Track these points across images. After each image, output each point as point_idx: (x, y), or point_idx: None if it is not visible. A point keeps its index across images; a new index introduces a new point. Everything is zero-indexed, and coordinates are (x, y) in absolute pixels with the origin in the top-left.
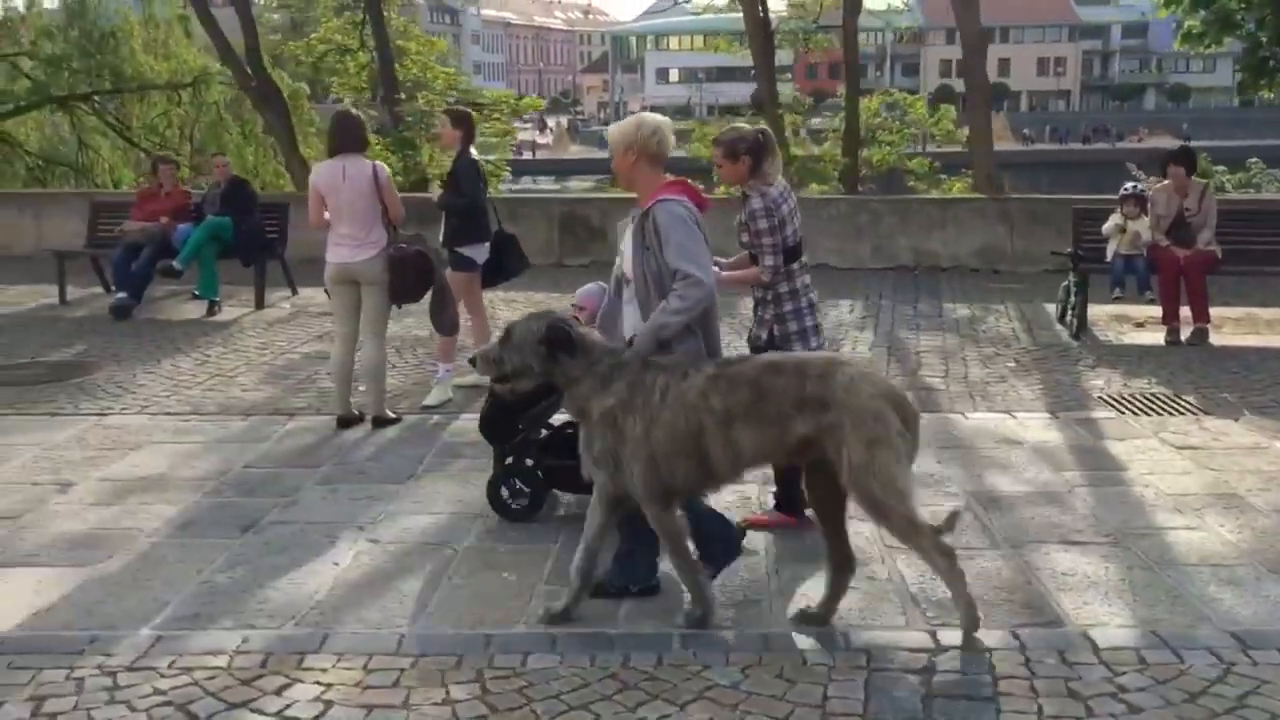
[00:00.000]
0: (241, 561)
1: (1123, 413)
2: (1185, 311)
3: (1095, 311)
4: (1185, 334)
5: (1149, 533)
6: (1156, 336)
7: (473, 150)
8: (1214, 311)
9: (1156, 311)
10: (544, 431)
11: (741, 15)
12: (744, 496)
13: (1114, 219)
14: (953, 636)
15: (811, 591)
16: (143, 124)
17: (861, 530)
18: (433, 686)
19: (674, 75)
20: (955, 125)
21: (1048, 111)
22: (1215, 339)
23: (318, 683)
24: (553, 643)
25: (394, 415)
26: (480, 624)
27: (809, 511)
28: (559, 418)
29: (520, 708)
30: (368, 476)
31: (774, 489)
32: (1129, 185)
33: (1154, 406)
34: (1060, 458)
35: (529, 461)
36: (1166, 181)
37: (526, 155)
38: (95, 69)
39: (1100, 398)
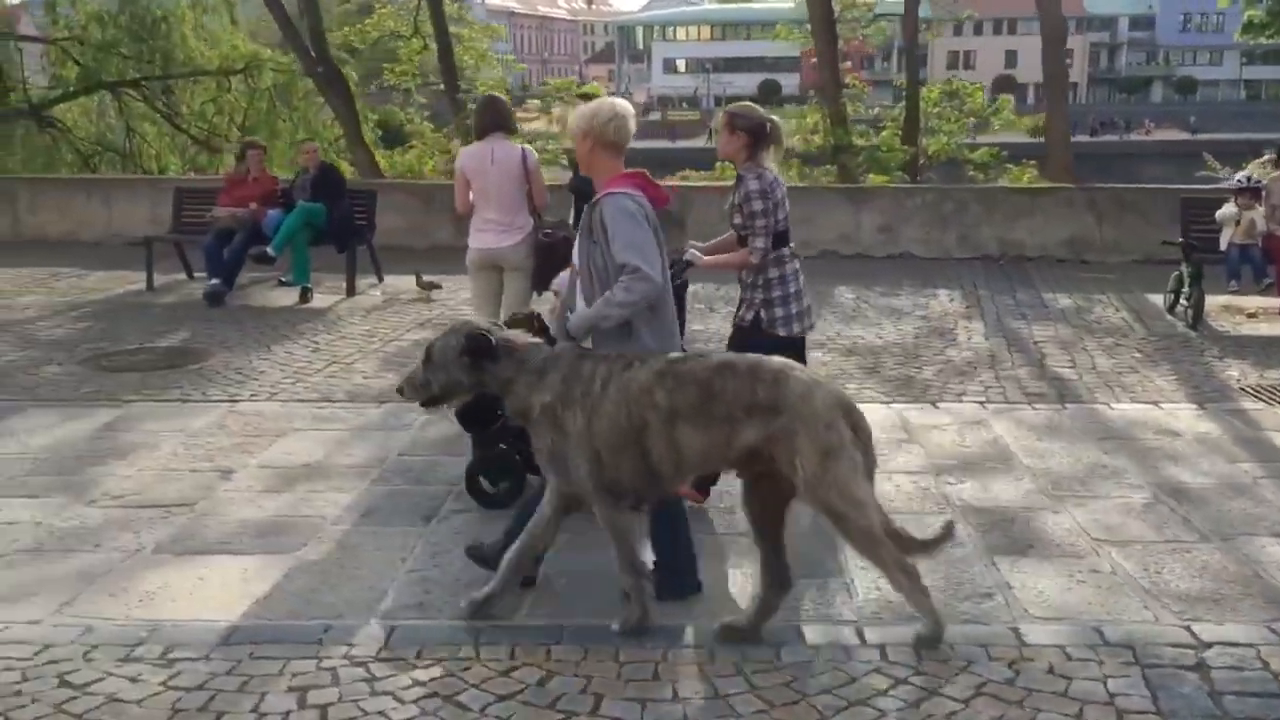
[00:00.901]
0: (441, 551)
1: (1270, 404)
2: None
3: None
4: None
5: None
6: (1274, 327)
7: None
8: None
9: (1267, 302)
10: None
11: (748, 6)
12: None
13: (1229, 207)
14: (1211, 632)
15: (1017, 582)
16: (191, 110)
17: (1061, 523)
18: (695, 680)
19: (681, 65)
20: (1015, 114)
21: None
22: None
23: (577, 675)
24: (800, 635)
25: None
26: (704, 614)
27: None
28: None
29: (797, 702)
30: None
31: None
32: (1241, 177)
33: None
34: (1228, 449)
35: (505, 447)
36: None
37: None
38: (145, 55)
39: (1242, 389)
